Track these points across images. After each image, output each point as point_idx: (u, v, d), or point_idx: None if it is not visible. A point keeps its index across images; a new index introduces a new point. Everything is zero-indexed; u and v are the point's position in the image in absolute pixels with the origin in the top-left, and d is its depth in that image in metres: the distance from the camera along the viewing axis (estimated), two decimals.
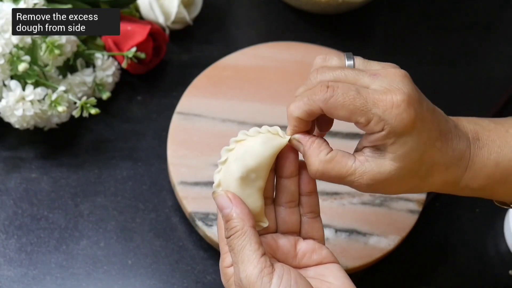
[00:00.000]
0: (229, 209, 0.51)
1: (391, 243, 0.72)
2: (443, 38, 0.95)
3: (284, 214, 0.55)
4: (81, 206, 0.75)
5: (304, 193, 0.55)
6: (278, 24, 0.93)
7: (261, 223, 0.54)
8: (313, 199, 0.55)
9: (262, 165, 0.52)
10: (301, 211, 0.55)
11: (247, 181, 0.52)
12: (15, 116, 0.73)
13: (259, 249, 0.50)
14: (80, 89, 0.78)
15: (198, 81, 0.82)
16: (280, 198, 0.55)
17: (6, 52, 0.72)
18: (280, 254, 0.54)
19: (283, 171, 0.54)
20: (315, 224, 0.55)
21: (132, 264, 0.72)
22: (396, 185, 0.52)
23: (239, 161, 0.52)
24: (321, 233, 0.56)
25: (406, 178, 0.52)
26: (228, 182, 0.52)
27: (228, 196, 0.52)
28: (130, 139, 0.80)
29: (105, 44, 0.82)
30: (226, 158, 0.52)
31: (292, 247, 0.55)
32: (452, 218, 0.78)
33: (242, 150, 0.52)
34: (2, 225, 0.73)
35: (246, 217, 0.51)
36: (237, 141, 0.53)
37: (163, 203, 0.76)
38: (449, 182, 0.54)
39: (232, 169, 0.52)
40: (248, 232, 0.50)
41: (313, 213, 0.55)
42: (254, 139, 0.52)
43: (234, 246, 0.50)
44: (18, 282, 0.70)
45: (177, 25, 0.88)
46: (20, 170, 0.77)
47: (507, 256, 0.76)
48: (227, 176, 0.52)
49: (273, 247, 0.54)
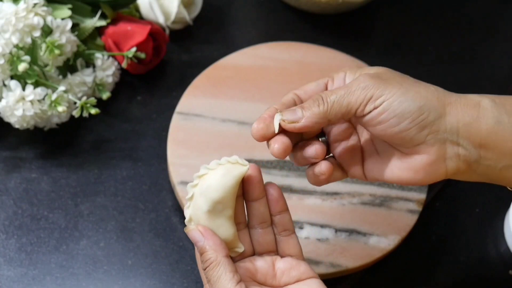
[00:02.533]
0: (201, 242, 0.53)
1: (391, 243, 0.72)
2: (443, 38, 0.95)
3: (258, 236, 0.56)
4: (81, 206, 0.75)
5: (275, 213, 0.56)
6: (278, 24, 0.93)
7: (237, 249, 0.56)
8: (284, 217, 0.56)
9: (226, 196, 0.54)
10: (275, 231, 0.57)
11: (215, 213, 0.54)
12: (15, 116, 0.73)
13: (234, 277, 0.52)
14: (80, 89, 0.78)
15: (198, 81, 0.82)
16: (252, 221, 0.56)
17: (6, 52, 0.72)
18: (259, 276, 0.56)
19: (250, 196, 0.56)
20: (290, 241, 0.57)
21: (132, 264, 0.72)
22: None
23: (203, 196, 0.53)
24: (298, 248, 0.57)
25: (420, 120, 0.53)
26: (198, 216, 0.54)
27: (199, 230, 0.53)
28: (130, 139, 0.80)
29: (105, 44, 0.82)
30: (192, 194, 0.54)
31: (271, 267, 0.56)
32: (452, 218, 0.78)
33: (205, 185, 0.53)
34: (2, 225, 0.73)
35: (218, 247, 0.53)
36: (200, 176, 0.54)
37: (163, 203, 0.76)
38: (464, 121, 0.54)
39: (199, 203, 0.54)
40: (222, 262, 0.52)
41: (287, 231, 0.57)
42: (214, 172, 0.54)
43: (210, 277, 0.52)
44: (18, 282, 0.70)
45: (177, 25, 0.88)
46: (20, 170, 0.77)
47: (507, 256, 0.76)
48: (196, 210, 0.54)
49: (251, 270, 0.56)
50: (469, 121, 0.53)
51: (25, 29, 0.73)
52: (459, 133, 0.53)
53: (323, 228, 0.72)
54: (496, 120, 0.53)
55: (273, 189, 0.56)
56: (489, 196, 0.80)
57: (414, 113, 0.52)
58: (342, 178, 0.59)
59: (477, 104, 0.54)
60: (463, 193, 0.80)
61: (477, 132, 0.53)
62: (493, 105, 0.54)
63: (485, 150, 0.53)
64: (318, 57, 0.86)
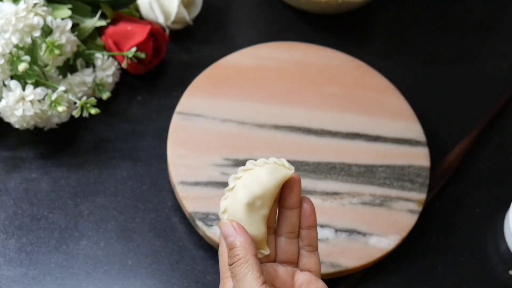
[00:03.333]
0: (233, 238, 0.53)
1: (391, 243, 0.72)
2: (443, 38, 0.95)
3: (284, 244, 0.57)
4: (81, 206, 0.75)
5: (304, 226, 0.57)
6: (278, 24, 0.93)
7: (263, 251, 0.56)
8: (312, 233, 0.57)
9: (267, 194, 0.55)
10: (300, 244, 0.57)
11: (253, 208, 0.54)
12: (15, 116, 0.73)
13: (260, 277, 0.52)
14: (80, 89, 0.78)
15: (198, 81, 0.82)
16: (281, 228, 0.57)
17: (6, 52, 0.72)
18: (278, 283, 0.56)
19: (286, 202, 0.56)
20: (313, 257, 0.58)
21: (132, 264, 0.72)
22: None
23: (246, 188, 0.54)
24: (318, 267, 0.58)
25: None
26: (234, 208, 0.55)
27: (233, 225, 0.54)
28: (130, 139, 0.80)
29: (105, 44, 0.82)
30: (234, 186, 0.55)
31: (290, 277, 0.57)
32: (452, 218, 0.78)
33: (249, 179, 0.55)
34: (2, 225, 0.73)
35: (249, 246, 0.53)
36: (245, 170, 0.55)
37: (163, 203, 0.76)
38: None
39: (239, 195, 0.54)
40: (250, 260, 0.52)
41: (311, 246, 0.57)
42: (261, 168, 0.55)
43: (236, 273, 0.52)
44: (18, 282, 0.70)
45: (177, 25, 0.88)
46: (20, 170, 0.77)
47: (507, 256, 0.76)
48: (234, 202, 0.55)
49: (272, 275, 0.56)
50: None
51: (25, 29, 0.73)
52: None
53: (323, 228, 0.72)
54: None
55: (308, 203, 0.57)
56: (489, 196, 0.80)
57: None
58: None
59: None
60: (463, 193, 0.80)
61: None
62: None
63: None
64: (318, 57, 0.86)
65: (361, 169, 0.77)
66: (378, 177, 0.76)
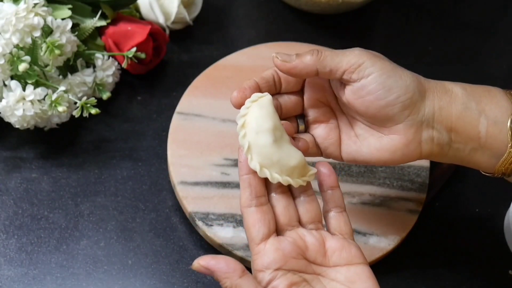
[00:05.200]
0: (212, 274, 0.52)
1: (391, 243, 0.72)
2: (443, 38, 0.95)
3: (304, 203, 0.57)
4: (81, 206, 0.75)
5: (327, 188, 0.57)
6: (278, 24, 0.93)
7: (311, 172, 0.57)
8: (336, 193, 0.57)
9: (275, 122, 0.55)
10: (326, 208, 0.57)
11: (278, 141, 0.55)
12: (16, 116, 0.73)
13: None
14: (80, 89, 0.78)
15: (198, 81, 0.82)
16: (295, 192, 0.57)
17: (6, 52, 0.72)
18: (309, 253, 0.55)
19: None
20: (342, 218, 0.57)
21: (132, 264, 0.72)
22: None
23: (260, 133, 0.55)
24: (349, 227, 0.58)
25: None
26: (264, 154, 0.54)
27: (202, 265, 0.52)
28: (130, 139, 0.81)
29: (105, 44, 0.82)
30: (244, 121, 0.56)
31: (321, 245, 0.56)
32: (452, 218, 0.78)
33: (253, 120, 0.55)
34: (3, 225, 0.73)
35: (231, 272, 0.51)
36: (243, 115, 0.56)
37: (163, 203, 0.76)
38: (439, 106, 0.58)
39: (260, 142, 0.55)
40: (238, 284, 0.51)
41: (339, 207, 0.57)
42: (252, 109, 0.56)
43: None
44: (18, 282, 0.70)
45: (177, 25, 0.88)
46: (21, 170, 0.77)
47: (507, 256, 0.76)
48: (259, 148, 0.54)
49: (302, 247, 0.55)
50: (442, 105, 0.57)
51: (25, 29, 0.73)
52: (434, 117, 0.57)
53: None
54: (465, 106, 0.58)
55: (324, 166, 0.57)
56: (489, 196, 0.80)
57: (401, 89, 0.56)
58: (317, 155, 0.61)
59: (450, 90, 0.59)
60: (463, 193, 0.80)
61: (448, 116, 0.57)
62: (463, 92, 0.59)
63: (455, 133, 0.58)
64: None
65: (361, 169, 0.77)
66: (378, 177, 0.76)
